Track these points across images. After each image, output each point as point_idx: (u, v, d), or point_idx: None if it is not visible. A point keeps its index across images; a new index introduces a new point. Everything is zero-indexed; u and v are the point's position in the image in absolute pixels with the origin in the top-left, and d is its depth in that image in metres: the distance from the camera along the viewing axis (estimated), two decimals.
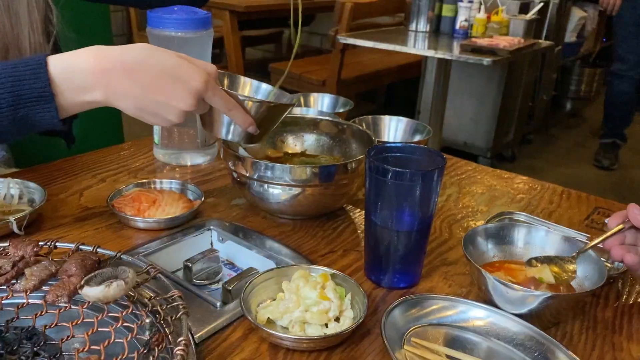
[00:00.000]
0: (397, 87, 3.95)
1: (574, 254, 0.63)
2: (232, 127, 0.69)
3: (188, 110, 0.63)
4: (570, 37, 3.73)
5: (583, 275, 0.62)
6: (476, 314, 0.59)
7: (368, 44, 2.40)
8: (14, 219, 0.70)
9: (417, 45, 2.50)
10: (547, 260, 0.64)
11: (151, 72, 0.62)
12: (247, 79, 0.78)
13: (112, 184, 0.88)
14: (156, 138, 0.98)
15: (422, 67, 3.24)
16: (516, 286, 0.57)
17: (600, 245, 0.62)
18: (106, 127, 1.71)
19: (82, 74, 0.61)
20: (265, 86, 0.78)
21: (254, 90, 0.78)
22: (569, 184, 1.05)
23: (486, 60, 2.10)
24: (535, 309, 0.58)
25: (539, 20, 2.92)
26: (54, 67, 0.61)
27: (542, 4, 2.79)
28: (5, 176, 0.81)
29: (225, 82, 0.75)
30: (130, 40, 3.83)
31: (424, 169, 0.63)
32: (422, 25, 2.68)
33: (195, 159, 0.98)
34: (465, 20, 2.60)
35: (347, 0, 2.79)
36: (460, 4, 2.59)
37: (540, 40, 2.73)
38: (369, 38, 2.43)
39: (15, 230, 0.71)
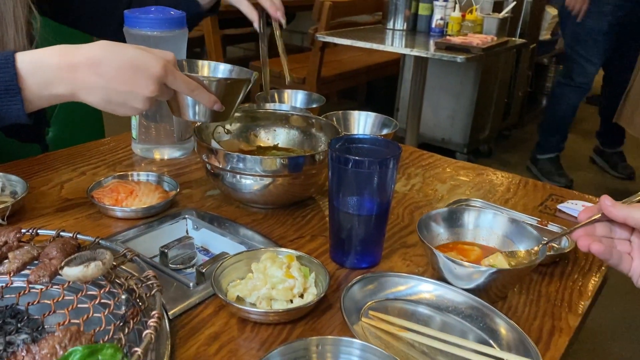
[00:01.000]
0: (377, 85, 4.01)
1: (539, 245, 0.67)
2: (197, 108, 0.74)
3: (151, 96, 0.67)
4: (544, 35, 3.82)
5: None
6: (426, 288, 0.64)
7: (347, 42, 2.46)
8: None
9: (394, 43, 2.56)
10: (512, 254, 0.68)
11: (113, 65, 0.66)
12: (205, 62, 0.84)
13: (91, 177, 0.92)
14: (134, 133, 1.02)
15: (400, 65, 3.30)
16: (464, 262, 0.63)
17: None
18: (87, 124, 1.74)
19: (48, 69, 0.65)
20: (223, 66, 0.85)
21: (212, 70, 0.85)
22: None
23: (460, 58, 2.17)
24: (482, 284, 0.63)
25: (513, 18, 3.00)
26: (21, 63, 0.65)
27: (515, 2, 2.86)
28: None
29: (185, 66, 0.81)
30: None
31: (381, 158, 0.68)
32: (399, 23, 2.74)
33: (172, 153, 1.02)
34: (441, 18, 2.67)
35: None
36: (435, 3, 2.66)
37: (513, 38, 2.81)
38: (347, 36, 2.48)
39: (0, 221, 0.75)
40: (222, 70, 0.86)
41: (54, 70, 0.65)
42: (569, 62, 2.90)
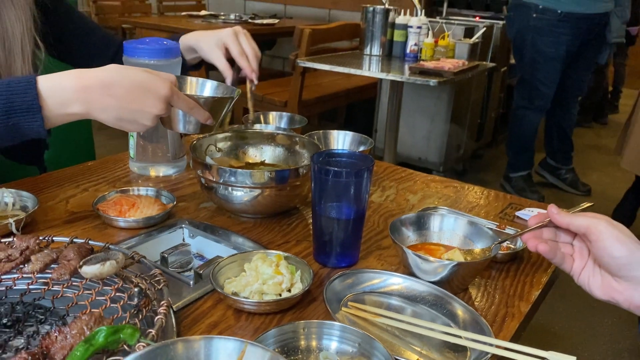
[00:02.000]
0: (356, 107, 4.15)
1: (493, 244, 0.77)
2: (187, 122, 0.85)
3: (159, 114, 0.77)
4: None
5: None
6: (397, 282, 0.74)
7: (326, 67, 2.58)
8: (13, 221, 0.82)
9: (371, 68, 2.69)
10: (468, 251, 0.78)
11: (124, 86, 0.76)
12: (193, 78, 0.96)
13: (94, 192, 1.01)
14: (132, 152, 1.11)
15: (378, 89, 3.45)
16: (429, 258, 0.73)
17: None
18: (79, 147, 1.82)
19: (65, 91, 0.75)
20: (210, 82, 0.96)
21: (199, 86, 0.96)
22: None
23: (432, 82, 2.30)
24: (445, 276, 0.73)
25: (484, 43, 3.17)
26: (42, 85, 0.74)
27: (485, 28, 3.04)
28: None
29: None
30: None
31: (357, 169, 0.78)
32: (375, 49, 2.88)
33: (167, 170, 1.11)
34: (415, 44, 2.81)
35: (305, 26, 2.98)
36: (410, 29, 2.80)
37: (484, 62, 2.97)
38: (327, 62, 2.60)
39: (14, 230, 0.82)
40: (210, 86, 0.98)
41: (70, 92, 0.74)
42: (528, 86, 3.04)
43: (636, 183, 2.80)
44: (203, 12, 4.26)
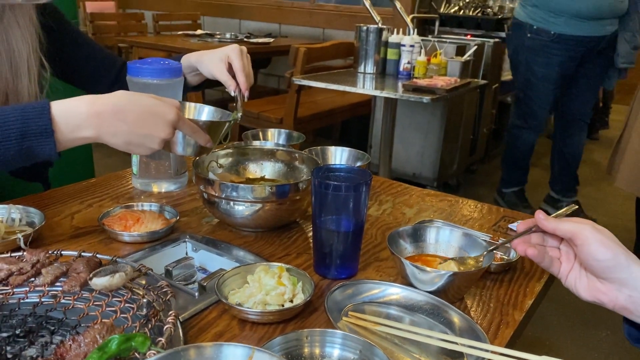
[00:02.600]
0: (350, 124, 4.20)
1: (484, 252, 0.80)
2: (187, 145, 0.89)
3: (167, 138, 0.81)
4: (505, 75, 4.08)
5: None
6: (396, 292, 0.76)
7: (321, 85, 2.62)
8: (22, 236, 0.84)
9: (365, 85, 2.73)
10: (461, 260, 0.81)
11: (135, 112, 0.79)
12: (192, 103, 1.01)
13: (98, 208, 1.03)
14: (134, 169, 1.13)
15: (372, 105, 3.50)
16: (426, 268, 0.75)
17: (508, 245, 0.80)
18: (79, 166, 1.85)
19: (78, 116, 0.78)
20: (207, 108, 0.99)
21: (198, 111, 1.01)
22: None
23: (425, 99, 2.35)
24: (442, 286, 0.76)
25: (475, 61, 3.23)
26: (55, 110, 0.78)
27: (476, 47, 3.10)
28: (7, 204, 0.95)
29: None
30: None
31: (355, 183, 0.81)
32: (369, 67, 2.93)
33: (169, 186, 1.14)
34: (408, 62, 2.87)
35: (300, 45, 3.03)
36: (402, 48, 2.86)
37: (476, 80, 3.03)
38: (321, 80, 2.65)
39: (22, 245, 0.84)
40: (207, 111, 1.01)
41: (83, 117, 0.77)
42: (523, 105, 3.05)
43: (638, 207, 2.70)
44: (199, 32, 4.32)
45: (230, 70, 1.12)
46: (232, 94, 1.11)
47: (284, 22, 4.69)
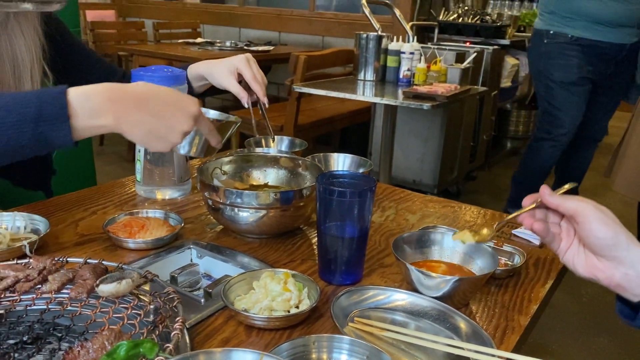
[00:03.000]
0: (350, 131, 4.21)
1: (497, 224, 0.77)
2: (194, 145, 0.89)
3: (188, 131, 0.79)
4: (505, 82, 4.10)
5: (483, 266, 0.81)
6: (402, 297, 0.77)
7: (321, 92, 2.63)
8: (27, 243, 0.84)
9: (365, 93, 2.74)
10: (477, 232, 0.80)
11: (159, 102, 0.77)
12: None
13: (102, 215, 1.03)
14: (138, 176, 1.13)
15: (372, 113, 3.51)
16: (432, 274, 0.76)
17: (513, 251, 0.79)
18: (81, 173, 1.85)
19: (95, 101, 0.74)
20: (213, 112, 0.98)
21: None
22: None
23: (426, 106, 2.36)
24: (448, 292, 0.76)
25: (475, 68, 3.25)
26: (72, 95, 0.73)
27: (475, 54, 3.11)
28: (11, 211, 0.95)
29: None
30: None
31: (360, 189, 0.81)
32: (369, 74, 2.94)
33: (172, 193, 1.14)
34: (408, 69, 2.88)
35: (300, 52, 3.05)
36: (402, 55, 2.87)
37: (475, 86, 3.04)
38: (322, 87, 2.66)
39: (28, 252, 0.85)
40: (212, 115, 1.01)
41: (102, 103, 0.73)
42: (546, 115, 2.92)
43: None
44: (199, 40, 4.33)
45: (240, 79, 1.12)
46: (246, 106, 1.13)
47: (284, 30, 4.71)
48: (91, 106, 0.73)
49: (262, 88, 1.13)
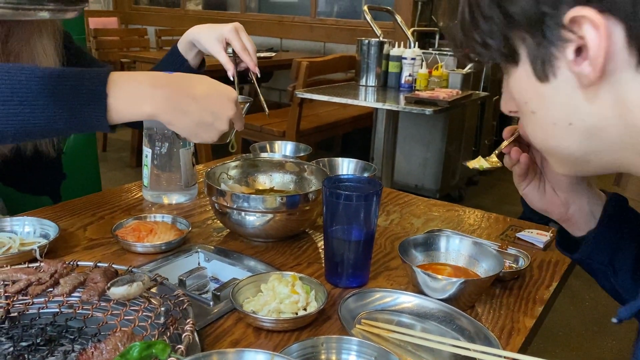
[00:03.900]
0: (352, 136, 4.23)
1: (495, 152, 0.78)
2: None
3: (232, 117, 0.77)
4: None
5: (488, 268, 0.82)
6: (408, 300, 0.77)
7: (323, 98, 2.65)
8: (37, 247, 0.85)
9: (367, 98, 2.76)
10: (488, 160, 0.81)
11: (204, 89, 0.76)
12: None
13: (110, 220, 1.04)
14: (145, 181, 1.15)
15: (374, 118, 3.52)
16: (437, 275, 0.77)
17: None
18: (87, 179, 1.85)
19: (141, 86, 0.72)
20: None
21: None
22: None
23: (428, 111, 2.37)
24: (453, 294, 0.77)
25: (476, 73, 3.26)
26: (115, 75, 0.71)
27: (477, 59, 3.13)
28: (21, 216, 0.97)
29: None
30: None
31: (366, 193, 0.82)
32: (371, 80, 2.96)
33: (179, 198, 1.15)
34: (410, 75, 2.90)
35: (302, 59, 3.07)
36: (404, 61, 2.89)
37: (477, 91, 3.06)
38: (324, 93, 2.67)
39: (38, 256, 0.86)
40: None
41: (147, 88, 0.71)
42: None
43: None
44: None
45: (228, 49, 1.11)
46: (231, 78, 1.09)
47: (285, 37, 4.74)
48: (133, 90, 0.71)
49: (252, 59, 1.10)
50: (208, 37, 1.13)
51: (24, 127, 0.69)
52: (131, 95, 0.71)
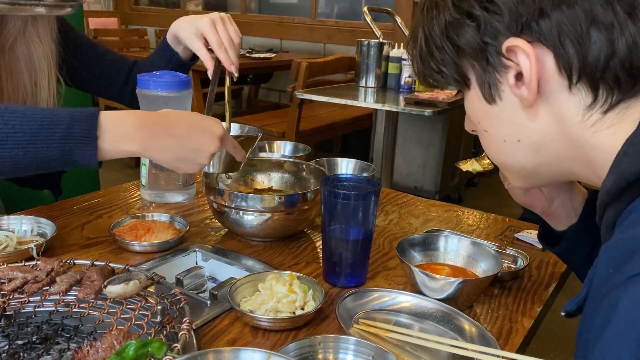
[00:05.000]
0: (352, 137, 4.22)
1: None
2: (220, 163, 0.89)
3: (215, 152, 0.80)
4: None
5: (486, 268, 0.81)
6: (406, 299, 0.77)
7: (323, 99, 2.64)
8: (34, 245, 0.85)
9: (367, 99, 2.75)
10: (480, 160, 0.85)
11: (185, 126, 0.79)
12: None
13: (107, 219, 1.04)
14: (143, 181, 1.14)
15: (373, 119, 3.52)
16: (436, 275, 0.76)
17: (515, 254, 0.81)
18: (85, 178, 1.86)
19: (126, 127, 0.76)
20: (233, 125, 1.00)
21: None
22: None
23: (427, 112, 2.37)
24: (452, 293, 0.76)
25: None
26: (103, 118, 0.75)
27: None
28: (18, 215, 0.96)
29: None
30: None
31: (364, 192, 0.82)
32: (371, 81, 2.95)
33: (177, 197, 1.15)
34: (409, 76, 2.89)
35: (302, 59, 3.07)
36: (404, 62, 2.88)
37: None
38: (323, 94, 2.67)
39: (35, 255, 0.85)
40: (234, 127, 1.02)
41: (131, 129, 0.76)
42: None
43: None
44: None
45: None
46: (209, 77, 1.03)
47: (285, 38, 4.74)
48: (121, 131, 0.76)
49: (229, 56, 1.03)
50: (187, 33, 1.09)
51: (16, 167, 0.73)
52: (118, 137, 0.76)
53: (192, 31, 1.08)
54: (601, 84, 0.50)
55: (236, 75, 1.05)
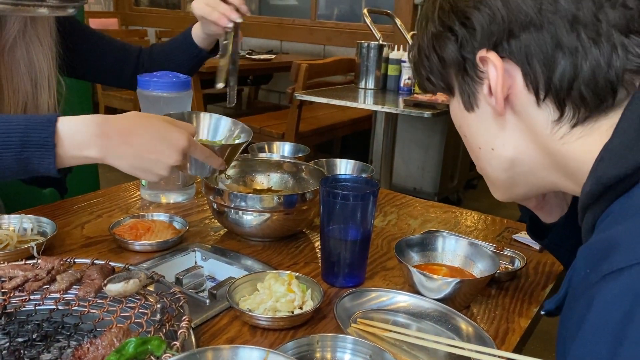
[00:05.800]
0: (351, 139, 4.23)
1: None
2: (201, 167, 0.88)
3: (175, 164, 0.78)
4: None
5: (484, 269, 0.82)
6: (404, 299, 0.78)
7: (323, 100, 2.65)
8: (35, 244, 0.86)
9: (366, 101, 2.76)
10: None
11: (143, 136, 0.77)
12: (208, 114, 0.99)
13: (107, 218, 1.05)
14: (143, 181, 1.15)
15: (372, 121, 3.53)
16: (433, 275, 0.77)
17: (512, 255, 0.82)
18: (85, 177, 1.86)
19: (84, 134, 0.75)
20: (224, 119, 0.98)
21: (214, 123, 0.99)
22: None
23: (427, 114, 2.38)
24: (449, 294, 0.77)
25: None
26: (61, 125, 0.74)
27: None
28: (18, 214, 0.97)
29: (194, 119, 0.96)
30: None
31: (363, 193, 0.83)
32: (370, 83, 2.96)
33: (177, 197, 1.16)
34: (409, 78, 2.90)
35: (302, 61, 3.08)
36: (403, 64, 2.89)
37: None
38: (323, 95, 2.67)
39: (35, 254, 0.86)
40: (224, 123, 1.01)
41: (89, 136, 0.75)
42: None
43: None
44: None
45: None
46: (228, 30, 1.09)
47: (285, 39, 4.75)
48: (79, 139, 0.75)
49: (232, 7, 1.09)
50: (198, 3, 1.13)
51: None
52: (77, 144, 0.75)
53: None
54: (567, 102, 0.52)
55: (247, 14, 1.11)
